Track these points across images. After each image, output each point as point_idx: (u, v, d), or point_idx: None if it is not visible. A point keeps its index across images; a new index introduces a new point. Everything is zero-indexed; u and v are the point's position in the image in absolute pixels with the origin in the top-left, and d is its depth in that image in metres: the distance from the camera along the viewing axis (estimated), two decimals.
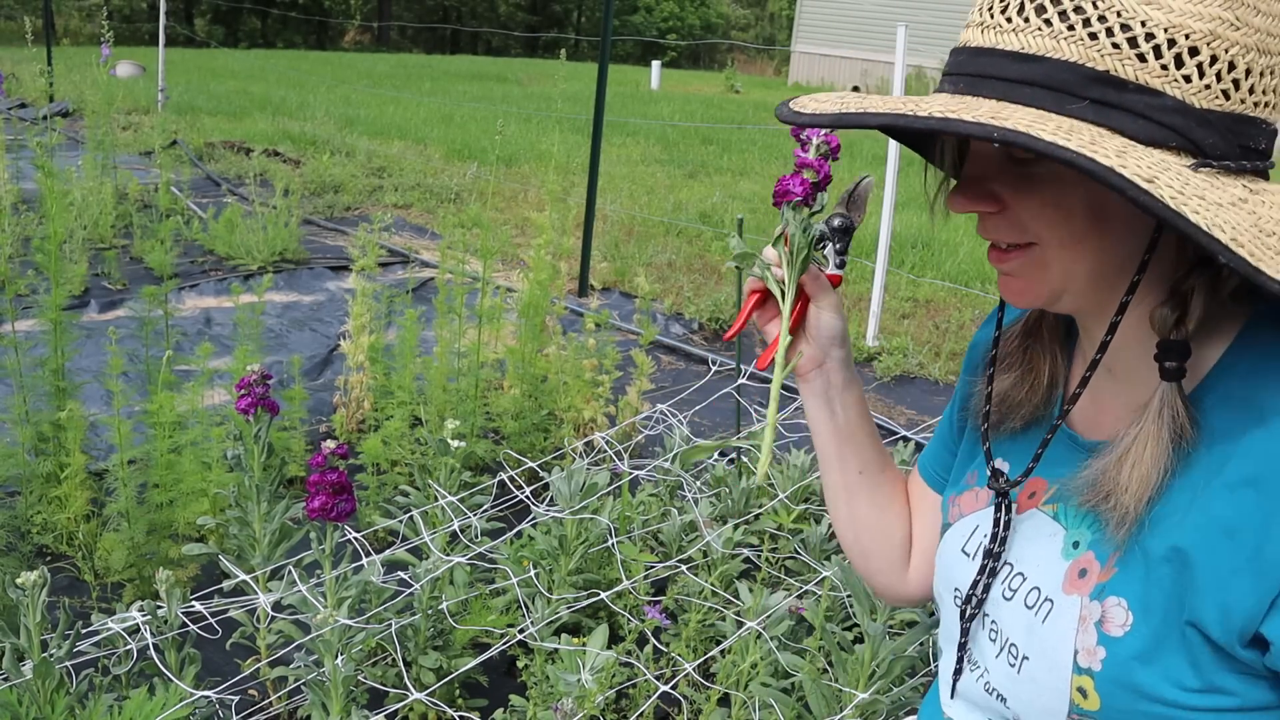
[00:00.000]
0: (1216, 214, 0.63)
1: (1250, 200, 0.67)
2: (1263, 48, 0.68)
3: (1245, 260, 0.62)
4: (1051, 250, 0.76)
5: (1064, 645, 0.78)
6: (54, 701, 1.41)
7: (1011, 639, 0.84)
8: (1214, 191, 0.66)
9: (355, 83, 15.08)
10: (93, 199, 5.64)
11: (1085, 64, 0.68)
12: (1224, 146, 0.68)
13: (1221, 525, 0.69)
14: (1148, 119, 0.67)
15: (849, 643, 1.98)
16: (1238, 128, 0.69)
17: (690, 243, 6.92)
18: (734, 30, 38.88)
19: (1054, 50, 0.69)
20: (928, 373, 4.75)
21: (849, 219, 1.04)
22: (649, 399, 3.78)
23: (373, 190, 7.89)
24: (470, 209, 4.86)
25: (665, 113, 13.85)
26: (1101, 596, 0.76)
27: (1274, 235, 0.66)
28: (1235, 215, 0.64)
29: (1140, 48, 0.67)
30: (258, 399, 1.85)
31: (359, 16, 34.08)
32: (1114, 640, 0.74)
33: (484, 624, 2.13)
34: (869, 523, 1.08)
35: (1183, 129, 0.67)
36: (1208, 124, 0.67)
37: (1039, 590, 0.82)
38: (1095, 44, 0.68)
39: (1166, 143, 0.67)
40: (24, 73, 11.55)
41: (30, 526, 2.63)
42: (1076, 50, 0.68)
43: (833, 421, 1.03)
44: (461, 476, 2.21)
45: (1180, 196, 0.62)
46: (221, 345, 4.21)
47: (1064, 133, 0.64)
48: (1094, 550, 0.79)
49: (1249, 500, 0.69)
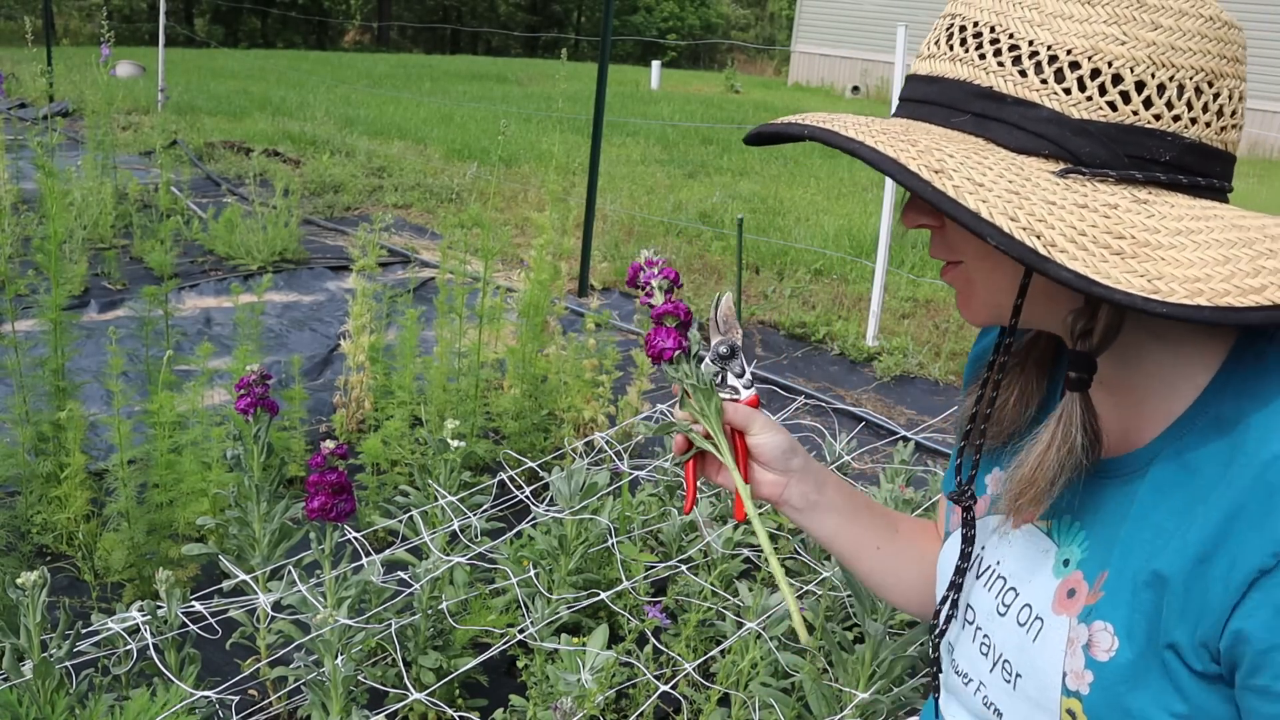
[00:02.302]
0: (1026, 207, 0.66)
1: (1123, 207, 0.68)
2: (1161, 60, 0.70)
3: (1022, 244, 0.64)
4: (973, 264, 0.79)
5: (1053, 667, 0.78)
6: (54, 702, 1.41)
7: (1005, 655, 0.84)
8: (1059, 193, 0.68)
9: (355, 83, 15.07)
10: (93, 199, 5.64)
11: (972, 81, 0.74)
12: (1105, 155, 0.70)
13: (1198, 551, 0.69)
14: (1022, 129, 0.71)
15: (849, 643, 1.98)
16: (1126, 138, 0.70)
17: (690, 243, 6.92)
18: (734, 30, 38.88)
19: (950, 71, 0.76)
20: (928, 373, 4.75)
21: (729, 340, 1.05)
22: (649, 399, 3.78)
23: (373, 190, 7.89)
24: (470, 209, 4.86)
25: (665, 113, 13.84)
26: (1089, 620, 0.76)
27: (1124, 239, 0.66)
28: (1067, 215, 0.66)
29: (1022, 64, 0.72)
30: (257, 399, 1.85)
31: (359, 16, 34.08)
32: (1101, 665, 0.74)
33: (484, 624, 2.13)
34: (905, 575, 1.09)
35: (1056, 138, 0.71)
36: (1085, 133, 0.70)
37: (1030, 608, 0.82)
38: (983, 63, 0.73)
39: (1039, 151, 0.71)
40: (24, 73, 11.54)
41: (30, 526, 2.63)
42: (966, 70, 0.74)
43: (828, 521, 1.04)
44: (461, 476, 2.21)
45: (974, 187, 0.66)
46: (221, 345, 4.21)
47: (938, 138, 0.71)
48: (1083, 570, 0.79)
49: (1225, 527, 0.68)
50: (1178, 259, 0.66)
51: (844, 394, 4.46)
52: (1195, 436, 0.73)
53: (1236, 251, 0.67)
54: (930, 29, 0.81)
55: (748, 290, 5.86)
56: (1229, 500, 0.68)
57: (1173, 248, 0.66)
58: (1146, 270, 0.65)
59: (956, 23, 0.77)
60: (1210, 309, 0.63)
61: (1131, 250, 0.66)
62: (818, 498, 1.03)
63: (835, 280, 6.24)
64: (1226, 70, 0.73)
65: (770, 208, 8.17)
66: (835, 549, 1.06)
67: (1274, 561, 0.64)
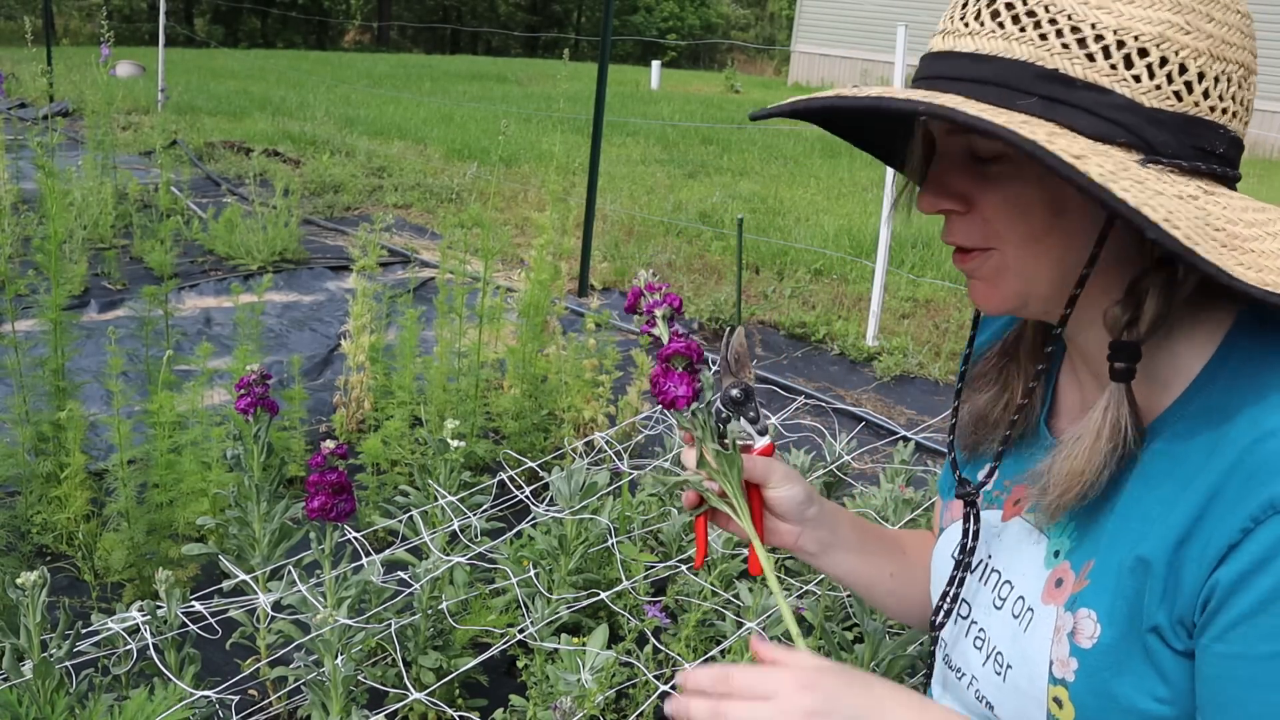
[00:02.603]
0: (1154, 199, 0.64)
1: (1202, 199, 0.68)
2: (1216, 53, 0.69)
3: (1178, 240, 0.62)
4: (1011, 250, 0.76)
5: (1041, 655, 0.78)
6: (54, 702, 1.41)
7: (998, 647, 0.85)
8: (1159, 183, 0.66)
9: (355, 83, 15.07)
10: (93, 199, 5.64)
11: (1035, 62, 0.70)
12: (1176, 145, 0.69)
13: (1179, 534, 0.69)
14: (1096, 115, 0.69)
15: (849, 642, 1.98)
16: (1191, 129, 0.69)
17: (690, 243, 6.92)
18: (734, 30, 38.88)
19: (1006, 50, 0.71)
20: (928, 373, 4.75)
21: (741, 383, 0.97)
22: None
23: (373, 190, 7.89)
24: (470, 209, 4.86)
25: (665, 113, 13.84)
26: (1074, 608, 0.76)
27: (1222, 231, 0.66)
28: (1179, 205, 0.65)
29: (1089, 48, 0.69)
30: (257, 399, 1.85)
31: (359, 16, 34.08)
32: (1084, 651, 0.75)
33: (484, 624, 2.13)
34: (915, 592, 1.09)
35: (1132, 126, 0.68)
36: (1158, 122, 0.68)
37: (1023, 599, 0.82)
38: (1045, 44, 0.70)
39: (1115, 138, 0.69)
40: (24, 73, 11.54)
41: (30, 526, 2.63)
42: (1027, 50, 0.70)
43: (843, 562, 1.02)
44: (461, 476, 2.21)
45: (1111, 175, 0.63)
46: (221, 345, 4.21)
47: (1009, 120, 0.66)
48: (1070, 560, 0.79)
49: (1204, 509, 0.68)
50: (1264, 250, 0.66)
51: (844, 394, 4.46)
52: (1184, 425, 0.73)
53: None
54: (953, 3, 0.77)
55: (748, 290, 5.86)
56: (1209, 484, 0.68)
57: (1255, 239, 0.66)
58: (1250, 262, 0.65)
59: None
60: None
61: (1230, 243, 0.65)
62: (832, 539, 1.01)
63: (835, 280, 6.24)
64: (1254, 66, 0.73)
65: (770, 208, 8.17)
66: (850, 584, 1.05)
67: (1240, 536, 0.65)
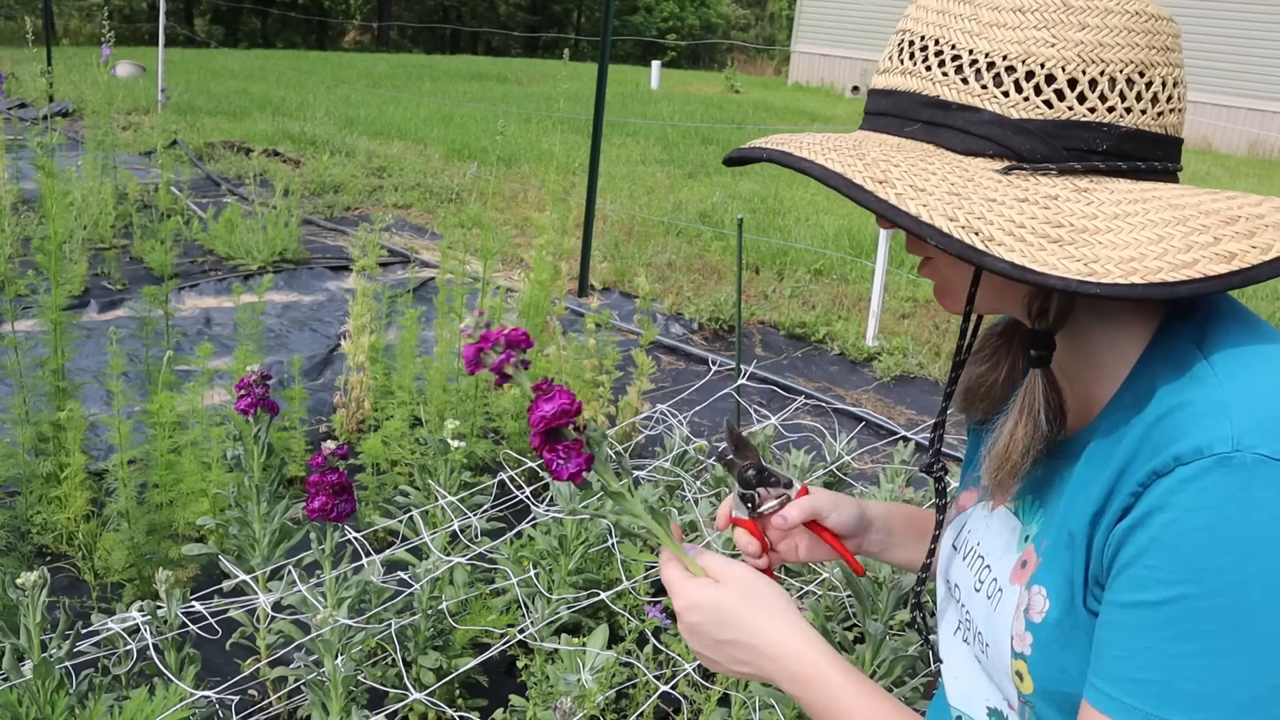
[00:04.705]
0: (966, 206, 0.72)
1: (1063, 198, 0.73)
2: (1090, 58, 0.75)
3: (960, 242, 0.70)
4: (940, 259, 0.86)
5: (1005, 631, 0.84)
6: (54, 702, 1.41)
7: (977, 626, 0.90)
8: (1000, 190, 0.73)
9: (355, 83, 15.07)
10: (93, 199, 5.64)
11: (921, 92, 0.80)
12: (1046, 150, 0.76)
13: (1095, 507, 0.75)
14: (967, 132, 0.77)
15: (849, 643, 1.98)
16: (1064, 133, 0.76)
17: (690, 243, 6.92)
18: (734, 30, 38.87)
19: (901, 84, 0.82)
20: (927, 373, 4.75)
21: (752, 462, 1.10)
22: (649, 399, 3.78)
23: (373, 190, 7.89)
24: (470, 209, 4.87)
25: (665, 113, 13.84)
26: (1029, 585, 0.82)
27: (1063, 227, 0.71)
28: (1006, 209, 0.72)
29: (964, 72, 0.78)
30: (258, 399, 1.85)
31: (359, 16, 34.08)
32: (1036, 626, 0.80)
33: (484, 624, 2.13)
34: None
35: (999, 138, 0.76)
36: (1025, 132, 0.76)
37: (996, 581, 0.88)
38: (929, 74, 0.79)
39: (984, 152, 0.77)
40: (24, 73, 11.55)
41: (30, 526, 2.63)
42: (915, 82, 0.80)
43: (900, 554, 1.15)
44: (461, 476, 2.21)
45: (915, 193, 0.72)
46: (221, 345, 4.21)
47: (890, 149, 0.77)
48: (1035, 544, 0.84)
49: (1114, 482, 0.73)
50: (1114, 241, 0.71)
51: (844, 394, 4.46)
52: (1121, 412, 0.78)
53: (1170, 230, 0.71)
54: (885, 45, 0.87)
55: (748, 290, 5.86)
56: (1122, 457, 0.73)
57: (1110, 231, 0.71)
58: (1084, 255, 0.70)
59: (906, 38, 0.82)
60: (1143, 285, 0.68)
61: (1070, 237, 0.71)
62: (888, 540, 1.14)
63: (835, 280, 6.24)
64: (1158, 60, 0.77)
65: (770, 208, 8.17)
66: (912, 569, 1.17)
67: (1132, 500, 0.71)
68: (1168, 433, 0.70)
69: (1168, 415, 0.71)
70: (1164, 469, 0.69)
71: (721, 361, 4.31)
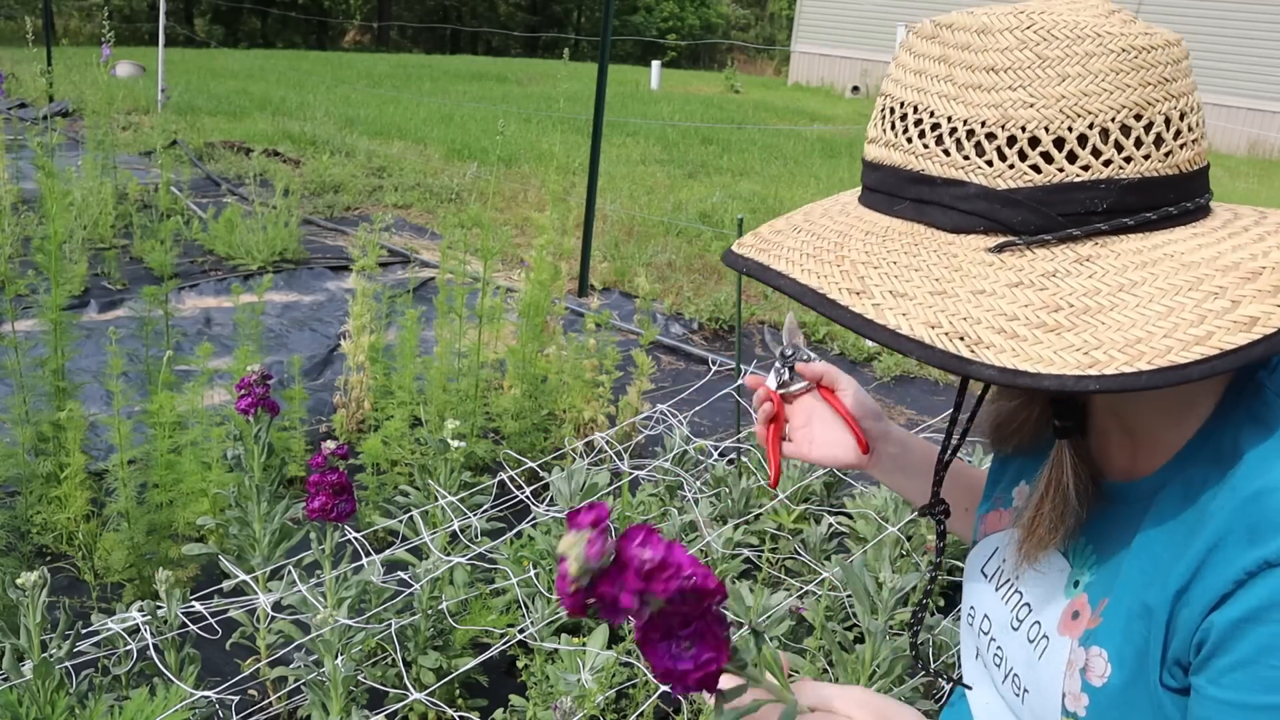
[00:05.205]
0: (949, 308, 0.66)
1: (1061, 273, 0.67)
2: (1074, 111, 0.67)
3: (944, 352, 0.64)
4: None
5: (1054, 686, 0.79)
6: (54, 702, 1.41)
7: (1015, 669, 0.85)
8: (990, 276, 0.67)
9: (355, 83, 15.07)
10: (93, 199, 5.64)
11: (905, 167, 0.73)
12: (1040, 220, 0.68)
13: (1180, 584, 0.68)
14: (954, 209, 0.71)
15: (849, 642, 1.98)
16: (1056, 198, 0.68)
17: (690, 243, 6.92)
18: (734, 30, 38.86)
19: (886, 158, 0.75)
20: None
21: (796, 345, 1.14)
22: (649, 399, 3.78)
23: (373, 190, 7.89)
24: (470, 209, 4.86)
25: (665, 113, 13.84)
26: (1087, 644, 0.76)
27: (1060, 310, 0.65)
28: (997, 300, 0.66)
29: (945, 143, 0.71)
30: (258, 399, 1.85)
31: (359, 16, 34.07)
32: (1095, 689, 0.75)
33: (484, 624, 2.13)
34: None
35: (986, 212, 0.69)
36: (1013, 203, 0.69)
37: (1039, 625, 0.83)
38: (911, 146, 0.73)
39: (974, 229, 0.70)
40: (24, 73, 11.54)
41: (30, 526, 2.63)
42: (899, 155, 0.74)
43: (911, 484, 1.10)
44: (461, 476, 2.21)
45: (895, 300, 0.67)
46: (221, 345, 4.21)
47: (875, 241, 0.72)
48: (1088, 593, 0.79)
49: (1204, 559, 0.67)
50: (1118, 320, 0.64)
51: None
52: (1197, 469, 0.72)
53: (1181, 299, 0.64)
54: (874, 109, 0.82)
55: (748, 290, 5.85)
56: (1212, 532, 0.67)
57: (1114, 308, 0.64)
58: (1085, 341, 0.63)
59: (888, 104, 0.76)
60: (1149, 373, 0.61)
61: (1069, 321, 0.64)
62: (903, 458, 1.09)
63: None
64: (1155, 96, 0.69)
65: (770, 208, 8.17)
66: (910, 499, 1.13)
67: (1235, 587, 0.64)
68: (1270, 515, 0.63)
69: (1267, 494, 0.64)
70: (1277, 559, 0.62)
71: (721, 361, 4.31)
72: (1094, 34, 0.68)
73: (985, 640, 0.91)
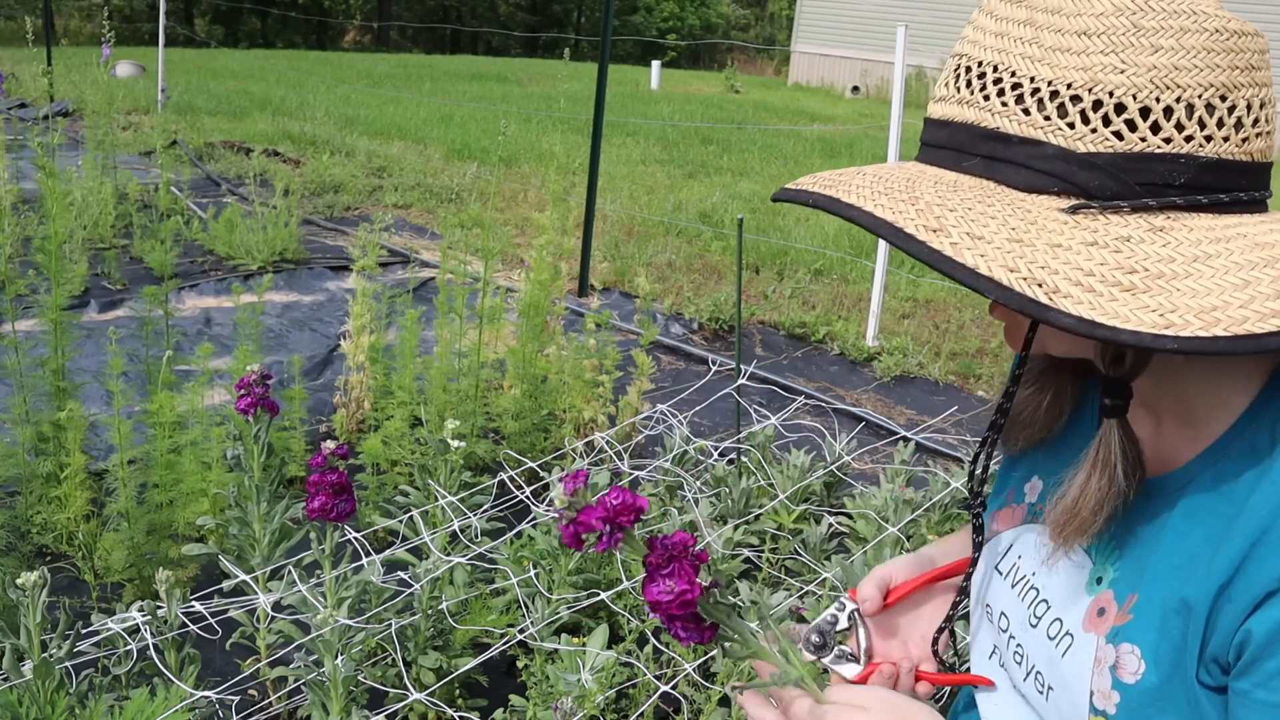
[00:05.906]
0: (1028, 255, 0.66)
1: (1136, 239, 0.67)
2: (1164, 83, 0.68)
3: (1022, 295, 0.64)
4: None
5: (1081, 684, 0.78)
6: (54, 702, 1.41)
7: (1037, 666, 0.85)
8: (1066, 233, 0.67)
9: (355, 83, 15.07)
10: (93, 199, 5.64)
11: (979, 124, 0.74)
12: (1117, 186, 0.69)
13: (1221, 579, 0.69)
14: (1029, 168, 0.71)
15: None
16: (1136, 166, 0.69)
17: (690, 243, 6.92)
18: (734, 30, 38.85)
19: (958, 114, 0.75)
20: (928, 373, 4.75)
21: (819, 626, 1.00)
22: (649, 399, 3.78)
23: (373, 190, 7.89)
24: (470, 209, 4.87)
25: (665, 113, 13.84)
26: (1116, 641, 0.76)
27: (1135, 273, 0.65)
28: (1074, 255, 0.66)
29: (1025, 103, 0.71)
30: (258, 399, 1.85)
31: (359, 16, 34.07)
32: (1127, 687, 0.75)
33: (484, 624, 2.13)
34: None
35: (1063, 174, 0.70)
36: (1093, 167, 0.69)
37: (1060, 622, 0.82)
38: (988, 104, 0.73)
39: (1048, 189, 0.70)
40: (24, 73, 11.55)
41: (30, 526, 2.63)
42: (973, 113, 0.74)
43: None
44: (461, 476, 2.21)
45: (973, 241, 0.66)
46: (221, 345, 4.21)
47: (946, 188, 0.72)
48: (1114, 589, 0.78)
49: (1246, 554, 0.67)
50: (1194, 288, 0.64)
51: (844, 394, 4.46)
52: (1231, 463, 0.72)
53: (1258, 273, 0.65)
54: (943, 68, 0.80)
55: (748, 290, 5.86)
56: (1252, 528, 0.67)
57: (1189, 276, 0.65)
58: (1160, 304, 0.63)
59: (963, 63, 0.76)
60: (1227, 339, 0.61)
61: (1144, 284, 0.64)
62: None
63: (835, 280, 6.23)
64: (1241, 81, 0.70)
65: (770, 208, 8.17)
66: None
67: (1277, 586, 0.65)
68: None
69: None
70: None
71: (721, 361, 4.31)
72: (1190, 10, 0.69)
73: (1005, 638, 0.90)
